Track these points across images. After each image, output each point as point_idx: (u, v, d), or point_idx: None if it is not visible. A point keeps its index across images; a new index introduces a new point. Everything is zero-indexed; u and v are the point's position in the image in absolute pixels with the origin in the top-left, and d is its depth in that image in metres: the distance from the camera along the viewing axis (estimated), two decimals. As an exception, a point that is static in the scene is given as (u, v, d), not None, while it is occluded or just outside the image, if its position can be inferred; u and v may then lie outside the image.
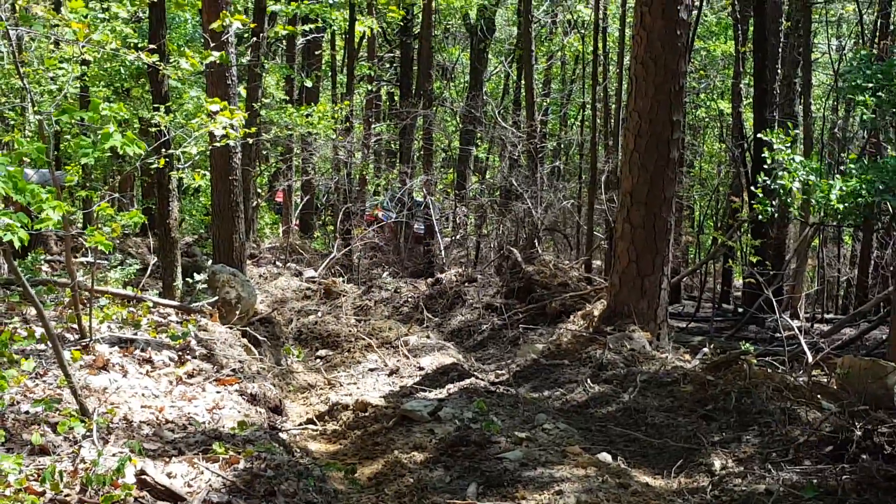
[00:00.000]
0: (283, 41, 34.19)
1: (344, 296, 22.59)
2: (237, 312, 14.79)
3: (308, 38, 31.41)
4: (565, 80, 43.77)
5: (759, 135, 19.63)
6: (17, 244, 6.34)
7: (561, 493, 9.12)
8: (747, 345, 14.91)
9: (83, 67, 19.88)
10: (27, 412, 8.08)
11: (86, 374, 9.41)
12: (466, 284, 22.50)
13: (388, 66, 41.15)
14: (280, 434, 10.21)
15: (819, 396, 12.15)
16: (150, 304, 12.67)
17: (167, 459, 7.64)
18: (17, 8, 14.68)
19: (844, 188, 15.76)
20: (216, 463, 7.68)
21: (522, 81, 33.03)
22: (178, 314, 13.07)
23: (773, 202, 17.55)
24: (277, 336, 17.45)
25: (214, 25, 11.94)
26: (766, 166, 17.49)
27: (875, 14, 30.96)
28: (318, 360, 17.53)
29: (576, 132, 41.40)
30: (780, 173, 16.58)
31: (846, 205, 16.06)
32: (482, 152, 37.09)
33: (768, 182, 16.85)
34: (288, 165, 34.65)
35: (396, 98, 36.89)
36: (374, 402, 13.07)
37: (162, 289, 16.08)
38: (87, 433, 7.69)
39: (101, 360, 9.86)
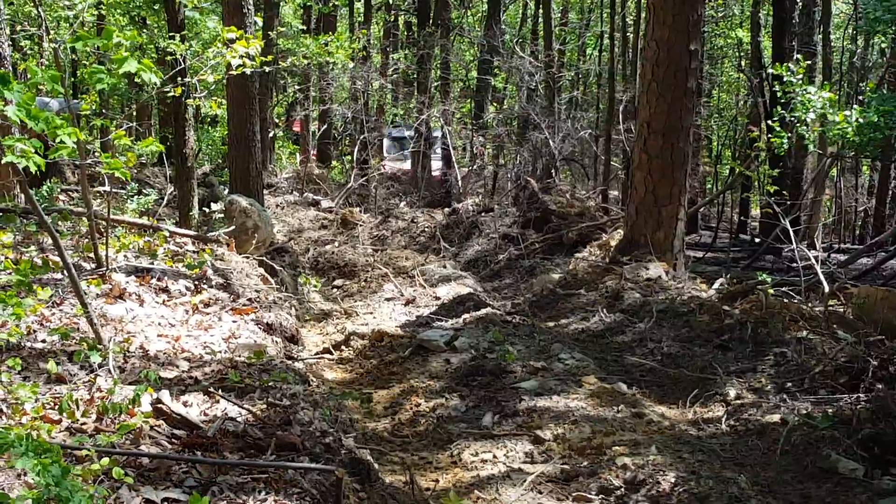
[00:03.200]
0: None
1: (361, 225, 22.62)
2: (254, 242, 14.79)
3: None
4: (583, 9, 43.47)
5: (770, 70, 19.47)
6: (32, 169, 6.31)
7: (576, 422, 9.15)
8: (764, 275, 14.89)
9: (99, -5, 19.78)
10: (44, 341, 8.10)
11: (102, 303, 9.42)
12: (483, 214, 22.46)
13: (406, -6, 40.87)
14: (296, 363, 10.22)
15: (835, 326, 12.12)
16: (167, 234, 12.66)
17: (183, 388, 7.65)
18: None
19: (862, 120, 15.65)
20: (232, 392, 7.70)
21: (541, 10, 32.77)
22: (194, 244, 13.07)
23: (790, 134, 17.44)
24: (294, 266, 17.48)
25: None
26: (782, 99, 17.37)
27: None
28: (335, 290, 17.57)
29: (594, 62, 41.17)
30: (795, 103, 16.47)
31: (863, 137, 15.97)
32: (500, 82, 36.87)
33: (784, 114, 16.74)
34: (305, 95, 34.55)
35: (414, 27, 36.62)
36: (391, 331, 13.10)
37: (179, 218, 16.07)
38: (104, 362, 7.70)
39: (117, 290, 9.87)
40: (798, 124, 16.55)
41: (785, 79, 16.62)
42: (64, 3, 17.70)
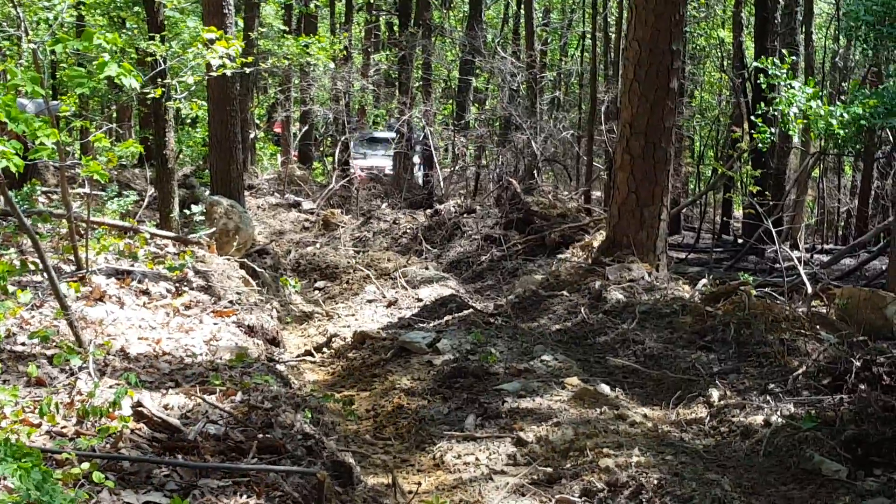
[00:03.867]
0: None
1: (342, 227, 22.61)
2: (235, 244, 14.76)
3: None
4: (565, 9, 43.49)
5: (756, 63, 19.50)
6: (12, 170, 6.28)
7: (559, 424, 9.13)
8: (746, 276, 14.91)
9: (79, -4, 19.71)
10: (23, 344, 8.06)
11: (82, 305, 9.38)
12: (465, 215, 22.44)
13: (387, -5, 40.90)
14: (277, 366, 10.20)
15: (818, 327, 12.15)
16: (147, 236, 12.62)
17: (164, 391, 7.62)
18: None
19: (846, 114, 15.69)
20: (213, 395, 7.66)
21: (522, 11, 32.80)
22: (175, 245, 13.03)
23: (773, 130, 17.47)
24: (275, 267, 17.42)
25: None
26: (765, 95, 17.39)
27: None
28: (317, 292, 17.54)
29: (575, 62, 41.22)
30: (778, 97, 16.50)
31: (847, 131, 16.00)
32: (482, 83, 36.87)
33: (768, 110, 16.76)
34: (286, 96, 34.51)
35: (396, 28, 36.63)
36: (373, 333, 13.07)
37: (159, 220, 16.01)
38: (84, 365, 7.67)
39: (97, 292, 9.84)
40: (781, 119, 16.57)
41: (770, 72, 16.62)
42: (43, 4, 17.64)
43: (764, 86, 16.88)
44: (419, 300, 15.53)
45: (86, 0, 20.33)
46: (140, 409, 6.77)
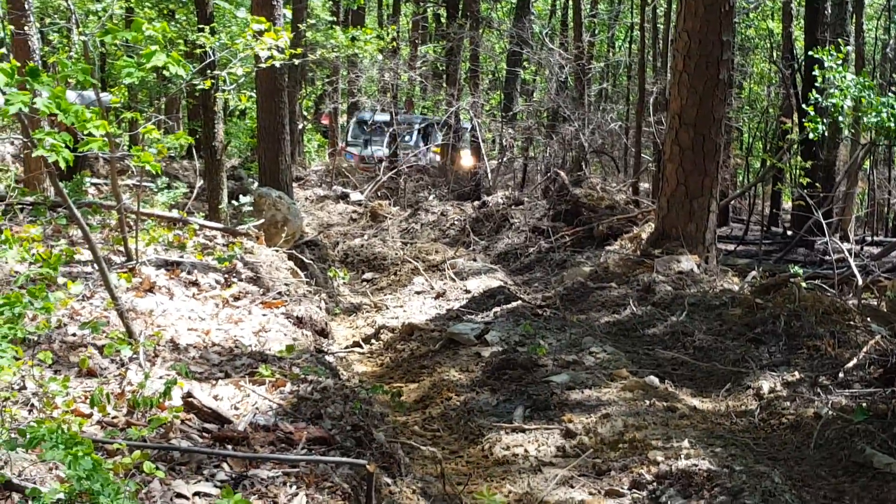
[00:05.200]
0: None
1: (390, 219, 22.62)
2: (283, 235, 14.78)
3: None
4: (613, 0, 43.31)
5: (810, 52, 19.29)
6: (62, 164, 6.30)
7: (608, 416, 9.10)
8: (796, 268, 14.78)
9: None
10: (74, 335, 8.09)
11: (132, 296, 9.42)
12: (513, 207, 22.37)
13: (434, -14, 40.79)
14: (326, 357, 10.20)
15: (869, 319, 12.04)
16: (196, 227, 12.64)
17: (213, 382, 7.64)
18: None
19: (896, 105, 15.53)
20: (263, 386, 7.68)
21: (570, 2, 32.68)
22: (224, 237, 13.06)
23: (825, 121, 17.30)
24: (324, 259, 17.47)
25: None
26: (817, 85, 17.21)
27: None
28: (365, 283, 17.56)
29: (624, 53, 41.03)
30: (832, 91, 16.33)
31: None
32: (529, 74, 36.77)
33: (820, 100, 16.60)
34: (334, 88, 34.53)
35: (443, 19, 36.54)
36: (421, 324, 13.08)
37: (208, 211, 16.07)
38: (134, 356, 7.70)
39: (147, 283, 9.87)
40: (833, 111, 16.40)
41: (827, 63, 16.44)
42: (93, -3, 17.74)
43: (819, 78, 16.68)
44: (467, 292, 15.51)
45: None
46: (190, 399, 6.80)
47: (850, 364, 10.43)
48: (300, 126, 31.59)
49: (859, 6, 26.03)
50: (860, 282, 13.68)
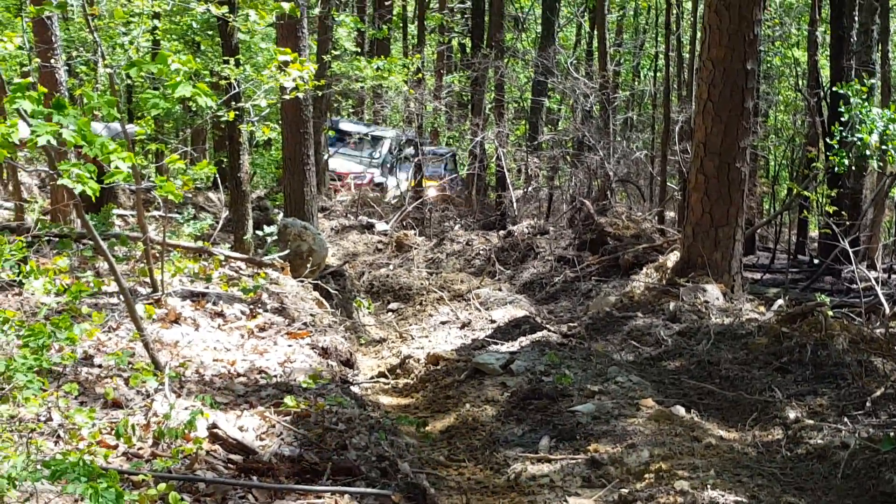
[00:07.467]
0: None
1: (415, 249, 22.59)
2: (308, 266, 14.79)
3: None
4: (638, 29, 43.39)
5: (833, 88, 19.24)
6: (88, 194, 6.33)
7: (634, 446, 9.06)
8: (823, 296, 14.73)
9: (154, 21, 19.94)
10: (100, 366, 8.12)
11: (158, 327, 9.45)
12: (538, 236, 22.35)
13: (459, 16, 40.85)
14: (351, 387, 10.20)
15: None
16: (222, 258, 12.68)
17: (239, 413, 7.65)
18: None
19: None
20: (288, 416, 7.68)
21: (595, 32, 32.73)
22: (249, 267, 13.09)
23: (850, 154, 17.25)
24: (349, 289, 17.45)
25: (284, -23, 11.86)
26: (843, 118, 17.15)
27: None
28: (390, 314, 17.55)
29: (648, 82, 41.04)
30: (857, 126, 16.28)
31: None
32: (554, 103, 36.81)
33: (845, 134, 16.56)
34: (359, 118, 34.60)
35: (468, 49, 36.61)
36: (446, 355, 13.05)
37: (233, 242, 16.10)
38: (160, 386, 7.72)
39: (172, 314, 9.90)
40: (859, 144, 16.35)
41: (852, 99, 16.39)
42: (119, 30, 17.84)
43: (845, 115, 16.60)
44: (492, 321, 15.48)
45: (160, 26, 20.64)
46: (215, 430, 6.81)
47: (878, 393, 10.37)
48: (325, 157, 31.64)
49: (885, 34, 25.96)
50: (887, 310, 13.59)
